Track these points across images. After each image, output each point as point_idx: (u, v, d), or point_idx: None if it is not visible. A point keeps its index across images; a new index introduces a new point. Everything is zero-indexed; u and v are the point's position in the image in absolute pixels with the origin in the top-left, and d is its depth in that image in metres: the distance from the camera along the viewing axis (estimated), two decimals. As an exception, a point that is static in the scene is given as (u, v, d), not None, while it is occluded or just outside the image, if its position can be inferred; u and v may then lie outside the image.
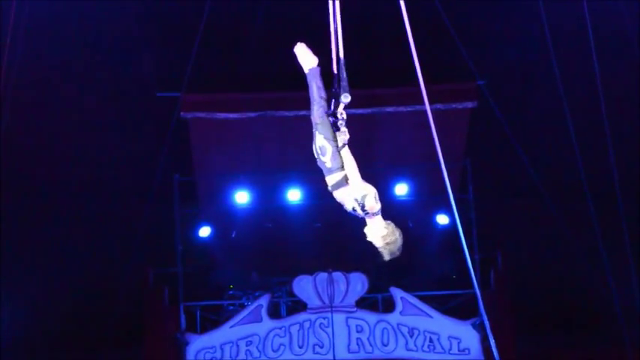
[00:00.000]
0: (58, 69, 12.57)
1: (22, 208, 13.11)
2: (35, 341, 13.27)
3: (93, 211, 13.86)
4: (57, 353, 13.53)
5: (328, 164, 5.97)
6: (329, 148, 5.96)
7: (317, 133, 6.02)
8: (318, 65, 6.07)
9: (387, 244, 5.98)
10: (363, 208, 5.88)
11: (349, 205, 5.95)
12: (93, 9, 12.18)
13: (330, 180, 6.00)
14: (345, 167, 5.98)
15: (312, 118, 6.08)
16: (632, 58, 12.03)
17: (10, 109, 11.32)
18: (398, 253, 6.01)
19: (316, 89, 6.05)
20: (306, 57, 6.12)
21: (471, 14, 12.96)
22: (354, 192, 5.91)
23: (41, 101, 12.72)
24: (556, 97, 12.23)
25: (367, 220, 5.98)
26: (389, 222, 6.03)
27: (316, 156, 6.06)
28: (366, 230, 6.01)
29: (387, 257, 5.99)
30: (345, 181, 5.95)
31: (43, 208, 13.41)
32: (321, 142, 5.99)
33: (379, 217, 5.97)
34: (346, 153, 5.98)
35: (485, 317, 6.27)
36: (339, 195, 6.00)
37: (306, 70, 6.11)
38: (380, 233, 5.97)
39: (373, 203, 5.90)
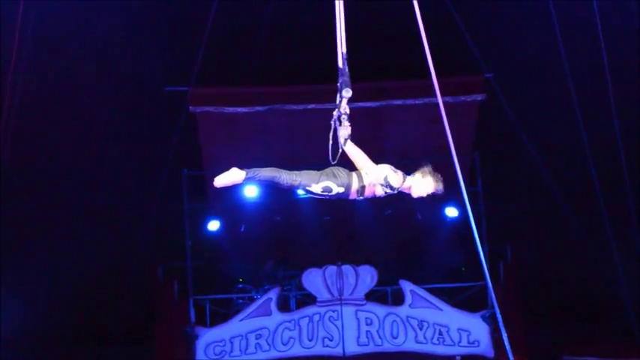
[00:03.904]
0: (66, 65, 12.58)
1: (32, 203, 13.14)
2: (46, 336, 13.31)
3: (102, 206, 13.88)
4: (68, 347, 13.57)
5: (341, 189, 6.01)
6: (330, 183, 6.00)
7: (308, 188, 6.02)
8: (242, 169, 6.06)
9: (436, 183, 6.17)
10: (392, 188, 6.00)
11: (380, 192, 6.06)
12: (101, 4, 12.20)
13: (353, 194, 6.06)
14: (355, 165, 6.02)
15: (294, 187, 6.04)
16: (641, 49, 12.00)
17: (19, 102, 11.36)
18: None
19: (265, 175, 6.02)
20: (231, 180, 6.14)
21: (479, 7, 12.93)
22: (377, 180, 6.00)
23: (50, 96, 12.73)
24: (564, 89, 12.22)
25: (404, 189, 6.12)
26: (416, 175, 6.18)
27: (322, 196, 6.09)
28: (420, 194, 6.16)
29: (441, 189, 6.19)
30: (362, 180, 6.01)
31: (53, 203, 13.44)
32: (319, 188, 6.01)
33: (408, 179, 6.12)
34: (350, 147, 6.02)
35: (497, 310, 6.26)
36: (367, 193, 6.09)
37: (241, 182, 6.11)
38: (424, 187, 6.16)
39: (396, 177, 6.04)
